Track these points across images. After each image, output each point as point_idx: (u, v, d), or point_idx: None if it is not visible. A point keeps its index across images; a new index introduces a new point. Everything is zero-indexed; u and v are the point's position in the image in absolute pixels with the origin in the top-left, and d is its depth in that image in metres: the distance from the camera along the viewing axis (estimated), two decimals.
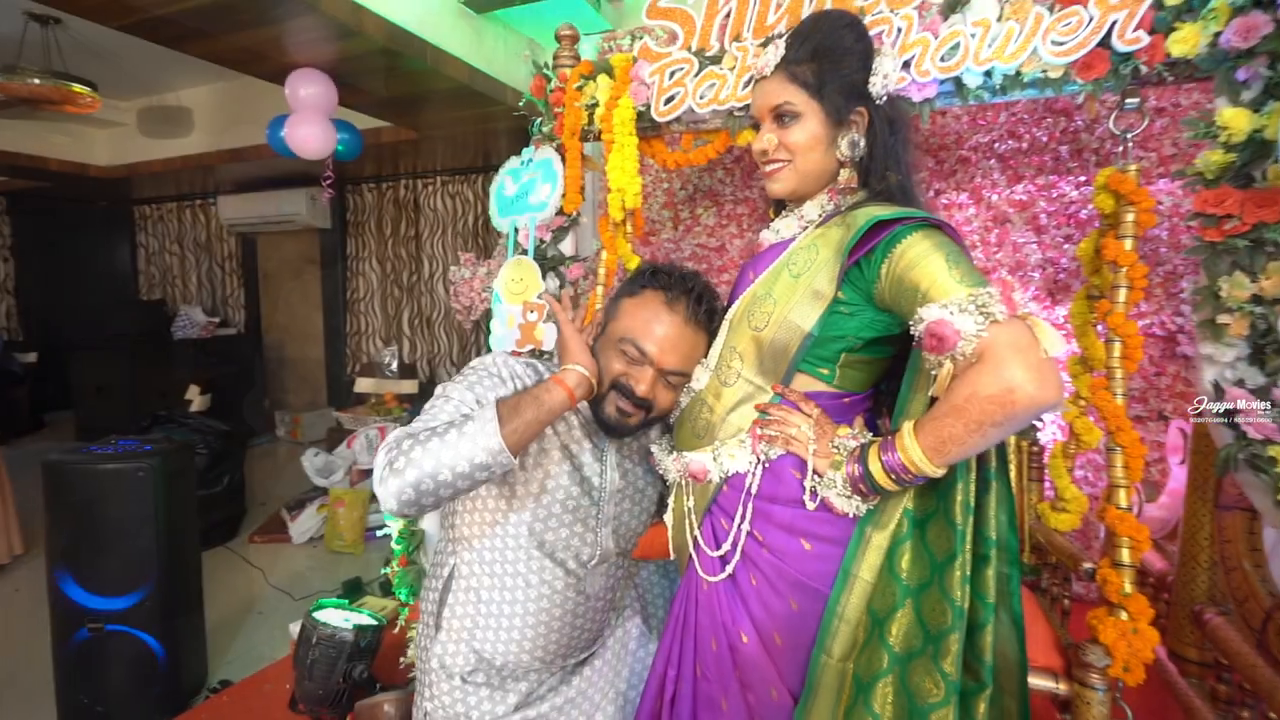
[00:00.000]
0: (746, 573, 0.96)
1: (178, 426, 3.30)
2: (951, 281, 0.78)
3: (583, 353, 1.00)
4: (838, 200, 0.99)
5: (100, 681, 1.95)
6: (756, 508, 0.95)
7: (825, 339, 0.92)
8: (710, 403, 1.01)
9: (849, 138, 0.96)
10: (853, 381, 0.96)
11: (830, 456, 0.90)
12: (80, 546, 1.90)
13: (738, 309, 1.02)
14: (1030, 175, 2.37)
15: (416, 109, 3.14)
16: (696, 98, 1.78)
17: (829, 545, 0.91)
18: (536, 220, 2.04)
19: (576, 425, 1.12)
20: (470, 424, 0.89)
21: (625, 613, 1.30)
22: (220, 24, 2.16)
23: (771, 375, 0.96)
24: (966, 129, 2.46)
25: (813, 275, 0.92)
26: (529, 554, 1.08)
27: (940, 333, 0.75)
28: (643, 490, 1.19)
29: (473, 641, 1.12)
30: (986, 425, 0.74)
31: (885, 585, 0.87)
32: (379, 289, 5.32)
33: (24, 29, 3.49)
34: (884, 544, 0.87)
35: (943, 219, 0.85)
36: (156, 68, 4.14)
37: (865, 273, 0.88)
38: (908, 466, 0.81)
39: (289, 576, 3.04)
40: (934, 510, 0.87)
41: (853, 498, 0.88)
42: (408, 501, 0.87)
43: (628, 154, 1.88)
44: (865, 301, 0.90)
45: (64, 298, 6.16)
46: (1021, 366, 0.71)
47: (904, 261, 0.82)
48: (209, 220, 5.97)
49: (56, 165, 4.89)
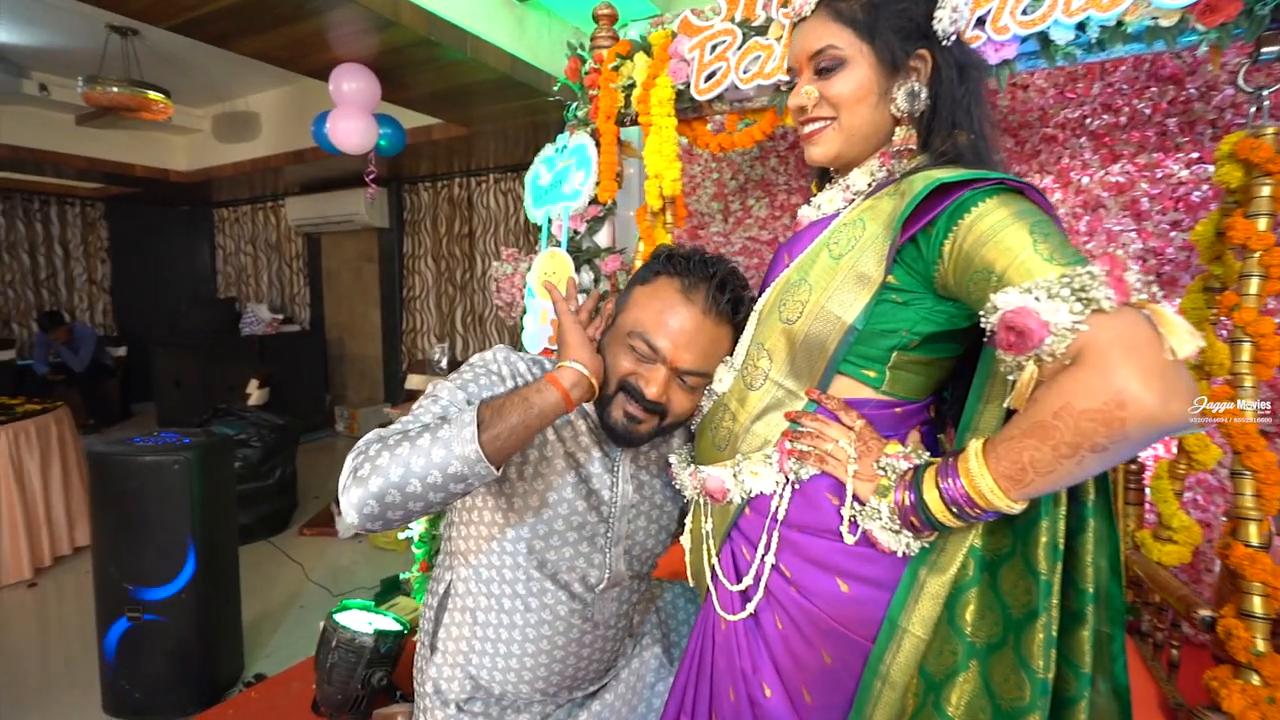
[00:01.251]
0: (771, 613, 0.80)
1: (235, 419, 3.40)
2: (1038, 259, 0.60)
3: (582, 348, 0.86)
4: (891, 166, 0.81)
5: (139, 669, 1.98)
6: (783, 537, 0.79)
7: (872, 333, 0.75)
8: (733, 409, 0.85)
9: (907, 88, 0.78)
10: (907, 387, 0.78)
11: (874, 480, 0.73)
12: (120, 536, 1.93)
13: (768, 299, 0.86)
14: (1129, 154, 2.08)
15: (461, 103, 3.10)
16: (739, 72, 1.63)
17: (871, 588, 0.74)
18: (570, 210, 1.93)
19: (584, 431, 0.99)
20: (446, 428, 0.78)
21: (644, 640, 1.17)
22: (261, 19, 2.16)
23: (805, 377, 0.79)
24: (1052, 103, 2.19)
25: (857, 255, 0.75)
26: (528, 574, 0.96)
27: (1021, 325, 0.57)
28: (660, 506, 1.05)
29: (468, 667, 1.02)
30: (1084, 450, 0.55)
31: (943, 642, 0.70)
32: (433, 287, 5.38)
33: (106, 41, 3.69)
34: (942, 591, 0.70)
35: (1027, 182, 0.67)
36: (228, 74, 4.32)
37: (923, 251, 0.71)
38: (973, 498, 0.63)
39: (332, 571, 3.06)
40: (1009, 551, 0.69)
41: (902, 532, 0.70)
42: (370, 514, 0.76)
43: (666, 136, 1.75)
44: (923, 287, 0.73)
45: (151, 296, 6.57)
46: (1136, 370, 0.53)
47: (974, 235, 0.65)
48: (279, 221, 6.22)
49: (141, 171, 5.20)
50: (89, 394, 5.68)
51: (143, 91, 3.60)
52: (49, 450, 3.12)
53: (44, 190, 6.07)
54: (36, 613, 2.78)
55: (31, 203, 6.13)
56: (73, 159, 4.78)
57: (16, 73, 4.13)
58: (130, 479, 1.91)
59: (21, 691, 2.20)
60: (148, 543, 1.93)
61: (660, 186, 1.77)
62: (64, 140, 4.74)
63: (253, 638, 2.42)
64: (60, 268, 6.34)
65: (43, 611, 2.79)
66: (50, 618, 2.76)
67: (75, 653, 2.39)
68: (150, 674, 1.98)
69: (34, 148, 4.61)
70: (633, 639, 1.16)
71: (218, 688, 2.09)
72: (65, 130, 4.74)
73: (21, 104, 4.44)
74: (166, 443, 2.01)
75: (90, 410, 5.64)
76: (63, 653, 2.45)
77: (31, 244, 6.17)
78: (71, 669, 2.29)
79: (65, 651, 2.44)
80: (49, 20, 3.49)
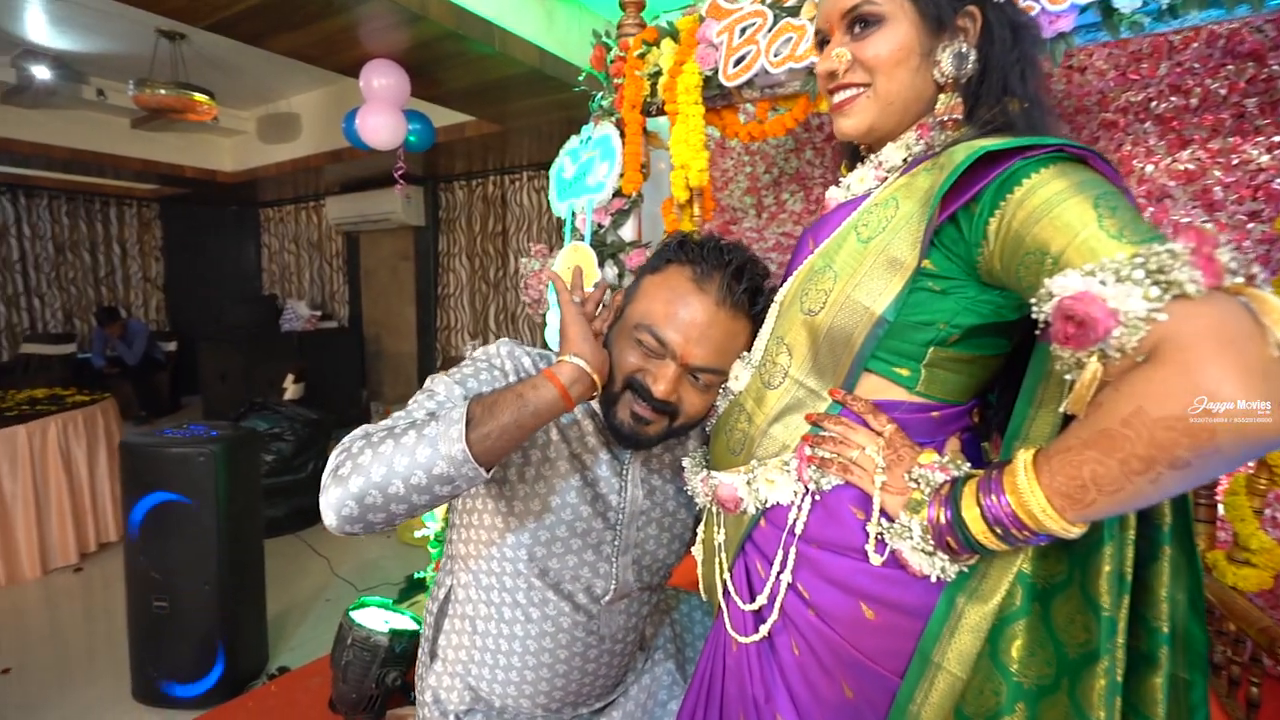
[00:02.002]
0: (787, 637, 0.72)
1: (270, 414, 3.45)
2: (1103, 236, 0.50)
3: (584, 341, 0.79)
4: (930, 138, 0.72)
5: (166, 657, 2.01)
6: (801, 553, 0.71)
7: (905, 326, 0.66)
8: (749, 409, 0.77)
9: (954, 49, 0.68)
10: (945, 387, 0.69)
11: (905, 493, 0.64)
12: (150, 527, 1.96)
13: (789, 288, 0.77)
14: (1201, 139, 1.91)
15: (493, 99, 3.08)
16: (770, 56, 1.54)
17: (900, 616, 0.65)
18: (594, 203, 1.87)
19: (591, 432, 0.92)
20: (433, 425, 0.72)
21: (655, 655, 1.10)
22: (290, 17, 2.17)
23: (829, 375, 0.70)
24: (1113, 85, 2.02)
25: (888, 238, 0.66)
26: (529, 583, 0.90)
27: (1083, 314, 0.48)
28: (673, 514, 0.98)
29: (468, 677, 0.96)
30: (1160, 466, 0.46)
31: (984, 681, 0.61)
32: (468, 284, 5.41)
33: (155, 46, 3.81)
34: (984, 623, 0.60)
35: (1091, 148, 0.57)
36: (271, 77, 4.42)
37: (965, 231, 0.62)
38: (1022, 519, 0.54)
39: (359, 565, 3.07)
40: (1064, 579, 0.60)
41: (936, 554, 0.61)
42: (349, 517, 0.71)
43: (692, 125, 1.67)
44: (964, 273, 0.64)
45: (201, 293, 6.81)
46: (1233, 368, 0.43)
47: (1025, 211, 0.55)
48: (320, 220, 6.36)
49: (191, 172, 5.38)
50: (141, 387, 5.91)
51: (188, 93, 3.70)
52: (95, 439, 3.22)
53: (104, 191, 6.35)
54: (81, 597, 2.87)
55: (93, 203, 6.43)
56: (128, 160, 4.98)
57: (76, 79, 4.31)
58: (158, 470, 1.93)
59: (60, 673, 2.26)
60: (175, 532, 1.95)
61: (686, 177, 1.69)
62: (119, 143, 4.93)
63: (278, 630, 2.44)
64: (118, 265, 6.63)
65: (87, 596, 2.88)
66: (94, 602, 2.85)
67: (112, 638, 2.45)
68: (176, 662, 2.01)
69: (93, 150, 4.81)
70: (644, 653, 1.10)
71: (241, 679, 2.11)
72: (121, 133, 4.93)
73: (81, 109, 4.63)
74: (194, 435, 2.03)
75: (142, 403, 5.87)
76: (101, 637, 2.51)
77: (92, 243, 6.46)
78: (108, 654, 2.35)
79: (104, 636, 2.50)
80: (103, 27, 3.62)
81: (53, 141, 4.62)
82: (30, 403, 3.17)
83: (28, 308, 6.06)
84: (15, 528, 2.89)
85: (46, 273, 6.14)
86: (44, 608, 2.77)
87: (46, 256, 6.14)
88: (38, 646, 2.44)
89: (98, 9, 3.34)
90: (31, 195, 6.01)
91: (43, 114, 4.54)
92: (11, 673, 2.25)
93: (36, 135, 4.54)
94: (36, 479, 2.93)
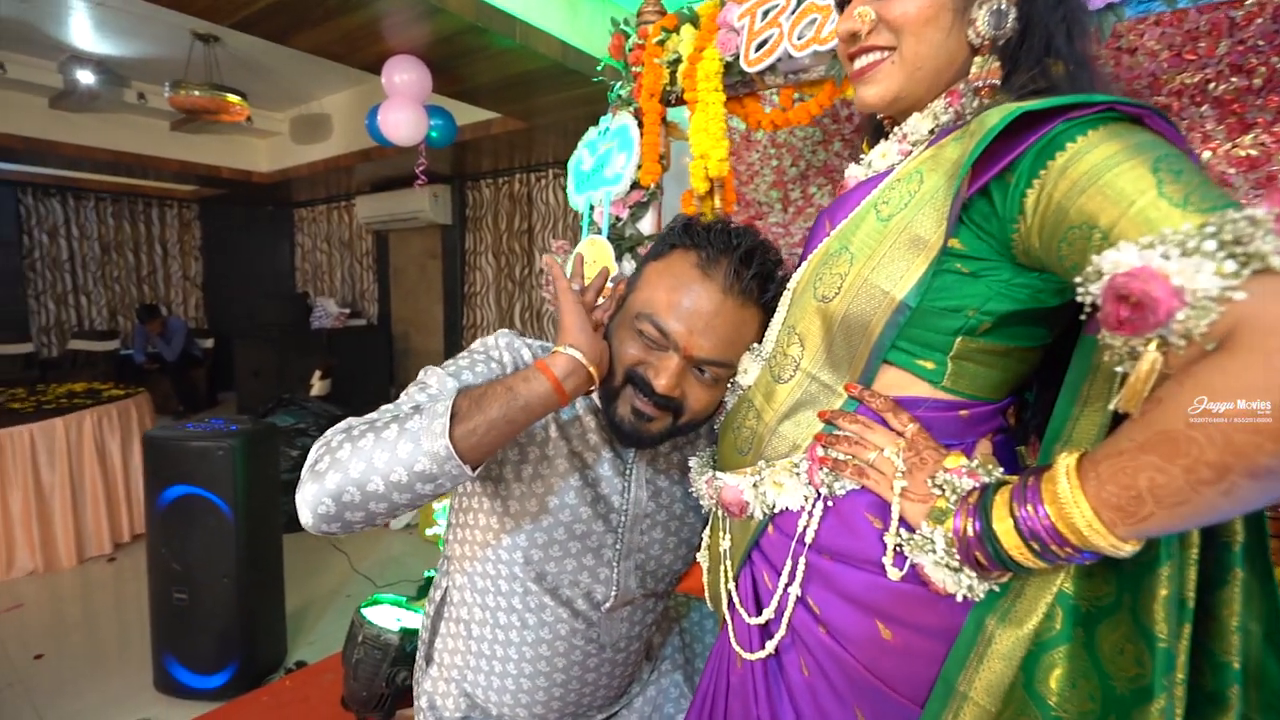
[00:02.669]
0: (795, 656, 0.65)
1: (297, 409, 3.49)
2: (1164, 204, 0.43)
3: (580, 330, 0.74)
4: (961, 106, 0.65)
5: (186, 648, 2.02)
6: (812, 564, 0.64)
7: (929, 313, 0.59)
8: (758, 405, 0.71)
9: (991, 5, 0.61)
10: (975, 383, 0.62)
11: (929, 501, 0.57)
12: (171, 519, 1.97)
13: (803, 274, 0.71)
14: (1265, 121, 1.76)
15: (517, 94, 3.05)
16: (793, 39, 1.47)
17: (921, 637, 0.58)
18: (611, 195, 1.83)
19: (594, 429, 0.87)
20: (416, 419, 0.68)
21: (663, 666, 1.04)
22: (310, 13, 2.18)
23: (844, 368, 0.64)
24: (1167, 67, 1.89)
25: (911, 214, 0.59)
26: (525, 587, 0.85)
27: (1140, 292, 0.41)
28: (680, 517, 0.92)
29: (463, 683, 0.92)
30: (1234, 474, 0.39)
31: (1017, 716, 0.53)
32: (494, 283, 5.42)
33: (190, 48, 3.90)
34: (1018, 649, 0.53)
35: (1149, 105, 0.49)
36: (303, 78, 4.49)
37: (998, 205, 0.55)
38: (1062, 533, 0.47)
39: (380, 561, 3.08)
40: (1112, 602, 0.52)
41: (963, 570, 0.54)
42: (326, 515, 0.67)
43: (713, 113, 1.61)
44: (997, 254, 0.56)
45: (237, 291, 6.98)
46: None
47: (1069, 179, 0.48)
48: (350, 220, 6.46)
49: (228, 173, 5.51)
50: (179, 382, 6.08)
51: (221, 94, 3.78)
52: (129, 433, 3.30)
53: (147, 193, 6.55)
54: (113, 586, 2.93)
55: (136, 204, 6.64)
56: (167, 162, 5.12)
57: (118, 83, 4.45)
58: (179, 463, 1.95)
59: (88, 660, 2.30)
60: (195, 525, 1.97)
61: (706, 167, 1.63)
62: (159, 145, 5.07)
63: (297, 625, 2.45)
64: (159, 265, 6.84)
65: (118, 585, 2.94)
66: (125, 592, 2.90)
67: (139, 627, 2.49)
68: (196, 654, 2.02)
69: (134, 152, 4.96)
70: (651, 662, 1.04)
71: (259, 672, 2.11)
72: (160, 135, 5.08)
73: (123, 112, 4.78)
74: (215, 429, 2.04)
75: (181, 398, 6.04)
76: (127, 626, 2.56)
77: (136, 243, 6.68)
78: (132, 643, 2.38)
79: (131, 625, 2.55)
80: (142, 31, 3.72)
81: (97, 144, 4.78)
82: (68, 396, 3.26)
83: (75, 305, 6.29)
84: (53, 517, 2.97)
85: (93, 271, 6.36)
86: (78, 596, 2.84)
87: (93, 256, 6.36)
88: (69, 633, 2.50)
89: (136, 13, 3.43)
90: (80, 197, 6.25)
91: (87, 117, 4.70)
92: (44, 658, 2.30)
93: (82, 138, 4.69)
94: (73, 470, 3.01)
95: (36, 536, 2.91)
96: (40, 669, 2.24)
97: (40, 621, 2.58)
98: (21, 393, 3.36)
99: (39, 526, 2.92)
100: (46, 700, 2.06)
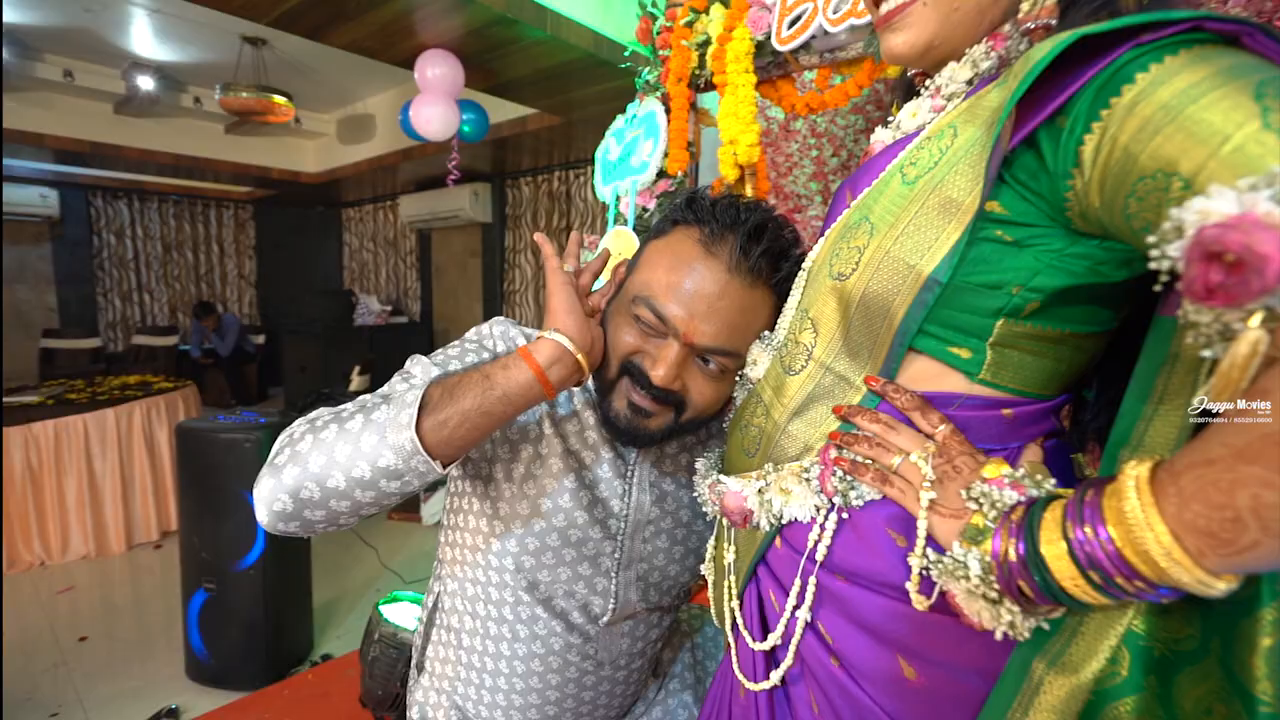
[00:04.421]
0: (804, 690, 0.57)
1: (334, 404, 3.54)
2: (1272, 139, 0.33)
3: (569, 314, 0.66)
4: (1005, 50, 0.55)
5: (215, 639, 2.05)
6: (823, 585, 0.55)
7: (965, 290, 0.49)
8: (767, 400, 0.62)
9: None
10: (1021, 375, 0.51)
11: (963, 517, 0.47)
12: (201, 510, 2.00)
13: (820, 251, 0.61)
14: None
15: (549, 88, 3.03)
16: (828, 13, 1.37)
17: (952, 680, 0.48)
18: (638, 185, 1.76)
19: (593, 425, 0.80)
20: (383, 409, 0.62)
21: (671, 685, 0.96)
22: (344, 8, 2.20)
23: (864, 357, 0.54)
24: None
25: (942, 173, 0.49)
26: (516, 596, 0.78)
27: (1241, 248, 0.31)
28: (688, 524, 0.84)
29: (454, 695, 0.87)
30: None
31: None
32: (533, 281, 5.43)
33: (240, 52, 4.02)
34: (1072, 702, 0.43)
35: (1248, 20, 0.39)
36: (347, 79, 4.59)
37: (1048, 158, 0.44)
38: (1132, 562, 0.37)
39: (411, 557, 3.09)
40: (1196, 647, 0.42)
41: (1003, 602, 0.44)
42: (282, 513, 0.61)
43: (743, 96, 1.53)
44: (1047, 218, 0.46)
45: (288, 289, 7.22)
46: None
47: (1139, 118, 0.38)
48: (394, 219, 6.59)
49: (277, 174, 5.69)
50: (233, 377, 6.32)
51: (268, 95, 3.89)
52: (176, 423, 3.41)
53: (204, 194, 6.85)
54: (160, 572, 3.03)
55: (195, 205, 6.95)
56: (222, 164, 5.32)
57: (176, 88, 4.64)
58: (210, 454, 1.97)
59: (127, 645, 2.37)
60: (224, 518, 1.99)
61: (735, 153, 1.55)
62: (214, 147, 5.27)
63: (325, 618, 2.46)
64: (216, 264, 7.14)
65: (165, 572, 3.04)
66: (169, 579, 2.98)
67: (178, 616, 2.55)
68: (224, 645, 2.05)
69: (191, 155, 5.17)
70: (658, 680, 0.96)
71: (285, 664, 2.13)
72: (215, 138, 5.27)
73: (181, 116, 4.99)
74: (245, 421, 2.06)
75: (234, 392, 6.28)
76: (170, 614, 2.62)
77: (194, 242, 6.99)
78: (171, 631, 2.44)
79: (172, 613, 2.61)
80: (196, 37, 3.86)
81: (157, 147, 4.99)
82: (121, 388, 3.40)
83: (139, 302, 6.63)
84: (104, 504, 3.09)
85: (155, 270, 6.69)
86: (125, 580, 2.94)
87: (156, 255, 6.69)
88: (114, 617, 2.58)
89: (190, 19, 3.55)
90: (144, 198, 6.57)
91: (149, 122, 4.92)
92: (87, 640, 2.38)
93: (143, 142, 4.92)
94: (123, 459, 3.12)
95: (89, 522, 3.03)
96: (83, 651, 2.32)
97: (89, 604, 2.68)
98: (80, 384, 3.52)
99: (92, 512, 3.04)
100: (87, 684, 2.13)
